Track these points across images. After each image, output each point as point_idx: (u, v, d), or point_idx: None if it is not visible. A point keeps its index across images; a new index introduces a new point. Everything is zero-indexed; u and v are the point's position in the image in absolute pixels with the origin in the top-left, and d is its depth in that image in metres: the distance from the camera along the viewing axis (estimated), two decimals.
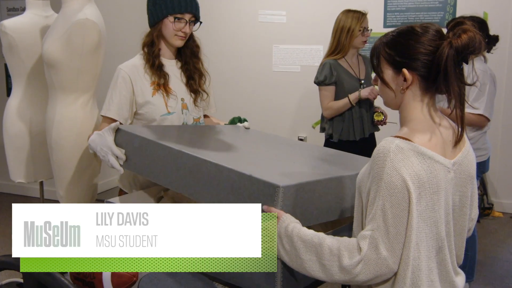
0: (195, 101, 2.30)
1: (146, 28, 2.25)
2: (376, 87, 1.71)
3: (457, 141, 1.45)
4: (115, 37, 3.93)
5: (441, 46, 1.35)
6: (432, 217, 1.36)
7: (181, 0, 2.14)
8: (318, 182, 1.56)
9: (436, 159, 1.35)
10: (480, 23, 3.19)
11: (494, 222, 4.83)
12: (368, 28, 3.42)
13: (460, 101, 1.38)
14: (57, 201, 2.72)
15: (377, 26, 5.21)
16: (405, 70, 1.39)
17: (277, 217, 1.42)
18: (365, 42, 3.41)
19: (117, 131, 1.95)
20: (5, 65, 5.18)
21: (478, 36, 1.37)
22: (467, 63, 1.40)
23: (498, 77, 4.66)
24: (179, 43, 2.21)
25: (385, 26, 5.25)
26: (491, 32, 4.58)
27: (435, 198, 1.35)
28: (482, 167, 3.25)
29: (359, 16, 3.36)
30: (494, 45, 3.24)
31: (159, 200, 2.14)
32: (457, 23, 1.41)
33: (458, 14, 4.95)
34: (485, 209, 4.97)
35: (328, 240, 1.36)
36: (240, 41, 5.94)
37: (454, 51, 1.34)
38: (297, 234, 1.39)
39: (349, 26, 3.35)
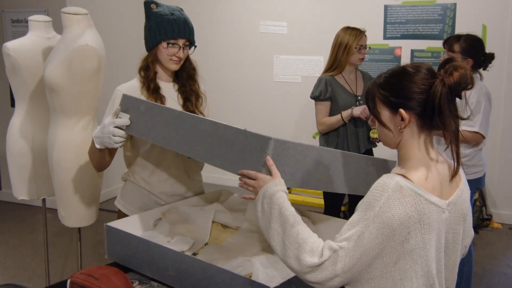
0: None
1: (145, 51, 2.29)
2: None
3: (453, 175, 1.48)
4: (115, 59, 3.98)
5: (434, 85, 1.39)
6: (423, 255, 1.39)
7: (174, 26, 2.18)
8: (311, 148, 1.64)
9: (431, 201, 1.38)
10: (476, 42, 3.23)
11: (492, 233, 4.86)
12: (366, 46, 3.46)
13: (455, 136, 1.42)
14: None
15: (377, 38, 5.26)
16: (402, 110, 1.42)
17: (272, 176, 1.50)
18: (362, 59, 3.45)
19: (123, 97, 2.05)
20: None
21: (469, 72, 1.41)
22: (460, 98, 1.44)
23: (497, 88, 4.71)
24: (174, 67, 2.26)
25: (384, 38, 5.30)
26: (490, 43, 4.64)
27: (426, 238, 1.38)
28: (477, 184, 3.29)
29: (357, 33, 3.41)
30: (490, 62, 3.28)
31: (156, 222, 2.19)
32: (447, 60, 1.44)
33: (457, 26, 5.00)
34: (484, 220, 5.00)
35: (301, 227, 1.41)
36: (241, 51, 5.99)
37: (447, 88, 1.38)
38: (279, 203, 1.45)
39: (346, 43, 3.40)
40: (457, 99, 1.44)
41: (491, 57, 3.26)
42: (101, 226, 3.89)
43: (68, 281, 1.74)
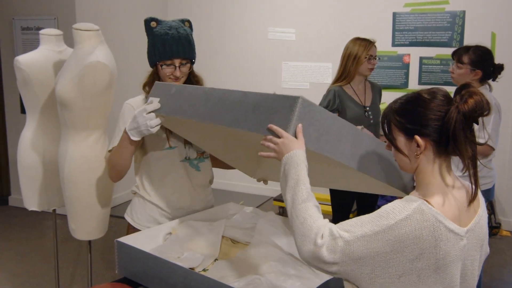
0: None
1: None
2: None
3: (471, 201, 1.47)
4: (125, 74, 4.01)
5: (449, 112, 1.38)
6: (433, 277, 1.38)
7: (166, 47, 2.19)
8: (337, 119, 1.70)
9: (450, 228, 1.38)
10: (485, 53, 3.22)
11: (501, 242, 4.84)
12: (376, 56, 3.47)
13: (472, 162, 1.42)
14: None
15: (385, 45, 5.26)
16: (417, 137, 1.42)
17: (298, 140, 1.53)
18: (371, 69, 3.46)
19: (155, 84, 2.11)
20: None
21: (485, 98, 1.40)
22: (477, 123, 1.43)
23: (506, 98, 4.69)
24: None
25: (393, 45, 5.29)
26: (499, 51, 4.62)
27: (440, 264, 1.37)
28: (487, 195, 3.28)
29: (366, 44, 3.42)
30: (499, 73, 3.27)
31: (166, 237, 2.20)
32: (463, 86, 1.43)
33: (466, 34, 4.99)
34: (492, 228, 4.99)
35: (310, 204, 1.45)
36: (250, 58, 6.00)
37: (461, 116, 1.37)
38: (297, 176, 1.48)
39: (355, 53, 3.42)
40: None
41: (500, 68, 3.25)
42: (110, 233, 3.91)
43: None
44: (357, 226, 1.38)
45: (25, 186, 2.94)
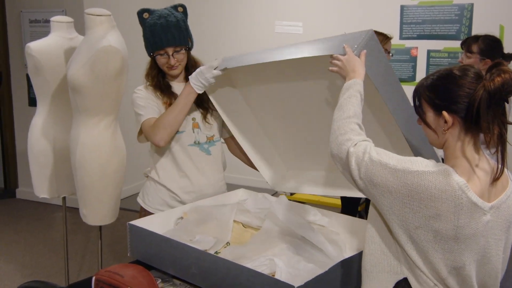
0: (205, 118, 2.36)
1: None
2: None
3: (496, 178, 1.47)
4: (137, 61, 4.03)
5: (476, 89, 1.40)
6: (449, 243, 1.41)
7: (156, 38, 2.20)
8: (392, 70, 1.90)
9: (473, 200, 1.39)
10: (495, 42, 3.23)
11: None
12: (390, 52, 3.46)
13: (501, 140, 1.42)
14: (78, 209, 2.81)
15: (393, 39, 5.23)
16: (445, 113, 1.44)
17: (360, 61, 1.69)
18: None
19: (224, 58, 2.17)
20: (27, 75, 5.33)
21: None
22: (507, 102, 1.44)
23: None
24: (173, 73, 2.30)
25: (400, 38, 5.28)
26: (508, 43, 4.60)
27: (459, 234, 1.39)
28: None
29: (382, 38, 3.41)
30: (509, 62, 3.27)
31: (178, 221, 2.21)
32: (496, 64, 1.43)
33: (474, 27, 4.97)
34: None
35: (355, 120, 1.57)
36: None
37: (487, 94, 1.38)
38: (351, 104, 1.61)
39: None
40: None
41: (509, 57, 3.25)
42: (118, 224, 3.92)
43: (93, 278, 1.76)
44: (386, 155, 1.46)
45: (35, 173, 2.96)
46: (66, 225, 3.31)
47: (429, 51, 5.21)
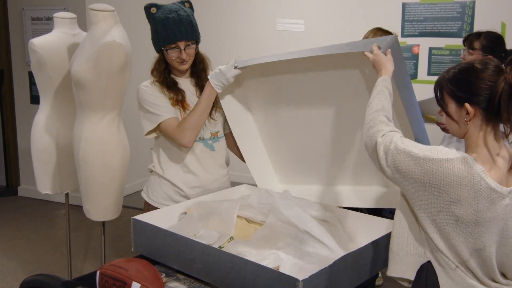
0: (210, 114, 2.36)
1: None
2: None
3: None
4: (140, 57, 4.04)
5: (497, 81, 1.47)
6: (470, 227, 1.48)
7: (168, 32, 2.19)
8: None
9: (492, 186, 1.45)
10: (497, 39, 3.22)
11: None
12: None
13: None
14: (81, 207, 2.82)
15: None
16: (467, 105, 1.52)
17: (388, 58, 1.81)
18: None
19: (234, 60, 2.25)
20: (29, 73, 5.34)
21: None
22: None
23: None
24: (182, 67, 2.30)
25: (402, 35, 5.27)
26: (510, 41, 4.58)
27: (480, 218, 1.47)
28: None
29: None
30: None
31: (181, 217, 2.22)
32: None
33: (476, 24, 4.97)
34: None
35: (384, 114, 1.68)
36: (258, 49, 5.98)
37: (508, 86, 1.46)
38: (378, 100, 1.72)
39: None
40: None
41: None
42: (120, 222, 3.92)
43: (98, 272, 1.76)
44: (411, 144, 1.54)
45: (38, 169, 2.97)
46: (69, 221, 3.31)
47: (430, 49, 5.21)
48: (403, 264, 1.65)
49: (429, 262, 1.60)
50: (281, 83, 2.30)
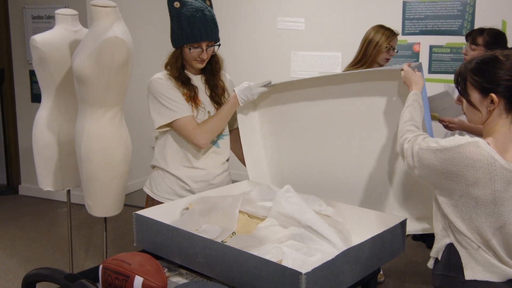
0: None
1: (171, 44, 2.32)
2: None
3: None
4: (142, 53, 4.03)
5: None
6: (490, 207, 1.58)
7: (195, 30, 2.19)
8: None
9: (506, 167, 1.54)
10: (500, 35, 3.23)
11: None
12: (395, 49, 3.46)
13: None
14: (82, 205, 2.82)
15: None
16: (493, 95, 1.61)
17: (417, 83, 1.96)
18: (387, 60, 3.46)
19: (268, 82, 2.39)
20: (30, 72, 5.34)
21: None
22: None
23: None
24: (199, 66, 2.31)
25: (403, 33, 5.28)
26: (510, 39, 4.59)
27: (497, 197, 1.56)
28: None
29: (389, 34, 3.41)
30: None
31: (183, 212, 2.22)
32: None
33: (476, 22, 4.97)
34: None
35: (411, 123, 1.84)
36: (259, 48, 6.00)
37: None
38: (408, 112, 1.88)
39: (377, 41, 3.39)
40: None
41: None
42: (121, 220, 3.92)
43: (101, 266, 1.76)
44: (432, 140, 1.67)
45: (40, 166, 2.96)
46: (71, 217, 3.31)
47: (431, 47, 5.21)
48: (439, 243, 1.78)
49: (451, 244, 1.72)
50: (299, 103, 2.49)
